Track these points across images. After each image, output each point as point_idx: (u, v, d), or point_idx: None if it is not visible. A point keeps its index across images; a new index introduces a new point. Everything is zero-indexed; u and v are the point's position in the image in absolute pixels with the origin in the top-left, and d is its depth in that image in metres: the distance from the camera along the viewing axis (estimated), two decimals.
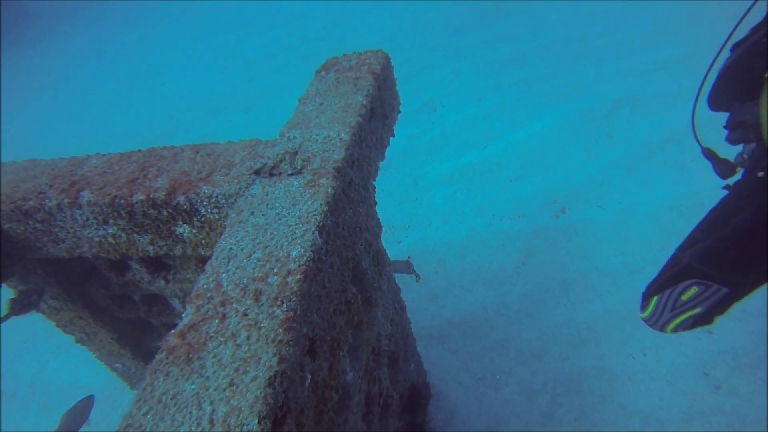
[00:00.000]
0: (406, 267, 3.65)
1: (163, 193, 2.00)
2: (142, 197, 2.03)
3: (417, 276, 3.83)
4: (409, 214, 4.98)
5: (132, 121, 8.65)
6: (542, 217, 4.45)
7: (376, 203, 2.30)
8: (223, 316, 1.39)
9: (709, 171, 2.34)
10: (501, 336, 3.72)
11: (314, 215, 1.64)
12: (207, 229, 2.09)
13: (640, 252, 3.94)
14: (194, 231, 2.11)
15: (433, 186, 5.17)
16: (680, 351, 3.32)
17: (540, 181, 4.82)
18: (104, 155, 2.44)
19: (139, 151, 2.40)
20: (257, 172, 1.97)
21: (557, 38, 7.13)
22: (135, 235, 2.23)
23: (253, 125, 7.36)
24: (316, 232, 1.59)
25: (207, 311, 1.42)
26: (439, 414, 3.37)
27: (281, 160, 1.99)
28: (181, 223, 2.10)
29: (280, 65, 9.24)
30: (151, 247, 2.28)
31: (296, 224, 1.63)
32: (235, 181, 1.95)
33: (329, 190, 1.74)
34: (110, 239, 2.28)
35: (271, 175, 1.96)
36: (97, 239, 2.30)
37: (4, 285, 2.68)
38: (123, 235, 2.24)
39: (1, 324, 2.67)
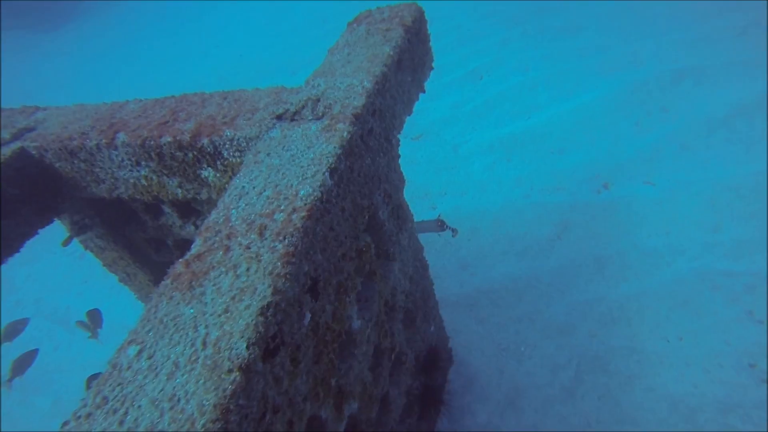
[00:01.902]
0: (436, 226, 3.57)
1: (189, 136, 2.05)
2: (169, 139, 2.09)
3: (453, 231, 3.72)
4: (447, 182, 4.90)
5: (185, 83, 8.93)
6: (582, 191, 4.26)
7: (398, 156, 2.26)
8: (227, 248, 1.42)
9: None
10: (529, 308, 3.63)
11: (327, 157, 1.63)
12: (230, 173, 2.13)
13: (687, 233, 3.70)
14: (218, 174, 2.16)
15: (472, 155, 5.05)
16: (722, 339, 3.13)
17: (583, 154, 4.60)
18: (142, 100, 2.53)
19: (173, 96, 2.46)
20: (279, 117, 1.98)
21: (617, 6, 6.66)
22: (164, 177, 2.30)
23: None
24: (327, 174, 1.58)
25: (213, 243, 1.45)
26: (459, 380, 3.36)
27: (303, 106, 1.98)
28: (205, 166, 2.15)
29: (329, 30, 9.19)
30: (179, 190, 2.36)
31: (308, 165, 1.63)
32: (257, 124, 1.97)
33: (345, 134, 1.72)
34: (143, 181, 2.37)
35: (293, 120, 1.96)
36: (131, 180, 2.40)
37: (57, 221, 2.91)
38: (154, 177, 2.32)
39: (66, 245, 2.92)
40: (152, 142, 2.13)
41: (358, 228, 1.81)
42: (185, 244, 3.06)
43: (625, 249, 3.75)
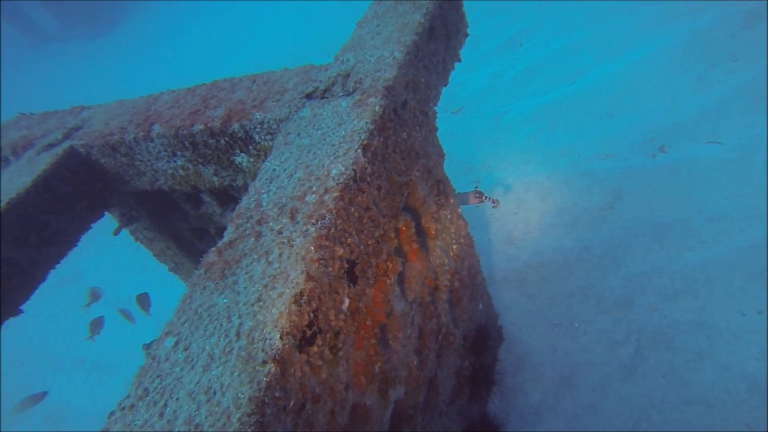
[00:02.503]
0: (474, 197, 3.42)
1: (219, 122, 2.01)
2: (201, 126, 2.06)
3: (494, 201, 3.56)
4: (490, 155, 4.71)
5: (223, 72, 9.05)
6: (635, 156, 3.97)
7: (436, 129, 2.14)
8: (259, 234, 1.37)
9: None
10: (581, 282, 3.45)
11: (359, 134, 1.54)
12: (263, 157, 2.09)
13: (763, 195, 3.37)
14: (251, 159, 2.13)
15: (515, 125, 4.82)
16: None
17: (635, 117, 4.27)
18: (174, 91, 2.52)
19: (204, 84, 2.44)
20: (309, 96, 1.90)
21: None
22: (200, 165, 2.30)
23: None
24: (359, 150, 1.50)
25: (245, 230, 1.41)
26: (510, 358, 3.25)
27: (333, 83, 1.89)
28: (238, 151, 2.12)
29: (363, 9, 9.00)
30: (216, 178, 2.35)
31: (340, 143, 1.55)
32: (286, 105, 1.90)
33: (377, 108, 1.62)
34: (180, 171, 2.38)
35: (323, 97, 1.88)
36: (170, 171, 2.41)
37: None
38: (190, 166, 2.32)
39: (118, 234, 3.02)
40: (185, 131, 2.11)
41: (396, 206, 1.72)
42: None
43: (687, 215, 3.47)
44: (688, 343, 2.91)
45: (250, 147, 2.07)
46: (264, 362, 1.08)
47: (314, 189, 1.43)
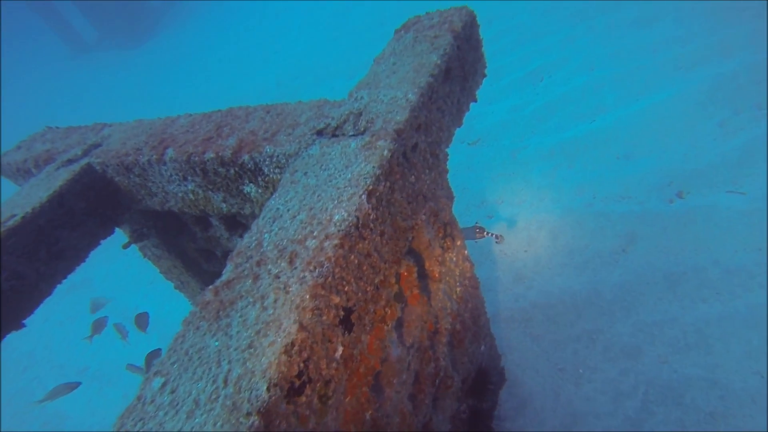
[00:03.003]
0: (474, 233, 3.40)
1: (230, 152, 2.03)
2: (212, 155, 2.09)
3: (497, 237, 3.55)
4: (504, 189, 4.68)
5: (246, 89, 9.24)
6: (652, 200, 3.90)
7: (446, 171, 2.13)
8: (257, 276, 1.36)
9: None
10: (589, 327, 3.37)
11: (365, 178, 1.54)
12: (271, 189, 2.10)
13: None
14: (260, 191, 2.14)
15: (531, 161, 4.79)
16: None
17: (654, 160, 4.21)
18: (191, 115, 2.57)
19: (220, 111, 2.48)
20: (319, 133, 1.92)
21: None
22: (210, 192, 2.32)
23: None
24: (364, 196, 1.49)
25: (243, 270, 1.41)
26: (511, 401, 3.17)
27: (345, 121, 1.90)
28: (247, 182, 2.14)
29: (386, 32, 9.15)
30: (224, 205, 2.36)
31: (345, 187, 1.55)
32: (296, 141, 1.92)
33: (385, 152, 1.62)
34: (191, 195, 2.40)
35: (334, 135, 1.89)
36: (180, 194, 2.44)
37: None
38: (200, 191, 2.35)
39: (127, 248, 3.05)
40: (197, 158, 2.14)
41: (399, 252, 1.70)
42: None
43: (703, 265, 3.38)
44: (700, 401, 2.80)
45: (259, 179, 2.08)
46: (248, 414, 1.06)
47: (315, 234, 1.42)
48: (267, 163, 1.98)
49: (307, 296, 1.26)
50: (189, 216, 2.79)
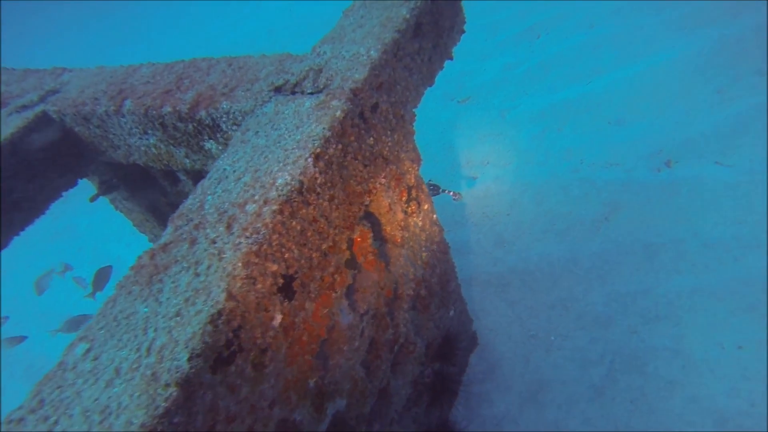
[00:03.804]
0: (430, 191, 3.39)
1: (187, 107, 1.94)
2: (169, 109, 1.99)
3: (454, 194, 3.53)
4: (490, 150, 4.58)
5: (237, 36, 8.89)
6: (639, 168, 3.81)
7: (413, 132, 2.04)
8: (194, 241, 1.31)
9: None
10: (564, 295, 3.37)
11: (313, 140, 1.46)
12: None
13: (765, 224, 3.22)
14: (220, 147, 2.05)
15: (520, 122, 4.65)
16: None
17: (645, 126, 4.09)
18: (154, 65, 2.44)
19: (183, 61, 2.34)
20: (278, 89, 1.81)
21: None
22: (172, 147, 2.23)
23: None
24: (310, 159, 1.42)
25: (182, 233, 1.35)
26: (481, 365, 3.21)
27: (305, 77, 1.80)
28: (207, 138, 2.05)
29: None
30: (187, 161, 2.28)
31: (293, 149, 1.47)
32: (253, 97, 1.82)
33: (338, 113, 1.53)
34: (153, 150, 2.31)
35: (293, 92, 1.79)
36: (143, 148, 2.35)
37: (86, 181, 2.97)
38: (162, 146, 2.26)
39: (94, 201, 2.98)
40: (154, 112, 2.04)
41: (352, 217, 1.64)
42: None
43: (682, 237, 3.35)
44: (662, 370, 2.83)
45: (218, 135, 1.99)
46: (167, 385, 1.03)
47: (256, 198, 1.36)
48: (224, 119, 1.89)
49: (240, 264, 1.21)
50: (157, 170, 2.71)
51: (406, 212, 2.03)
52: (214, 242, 1.28)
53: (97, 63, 2.84)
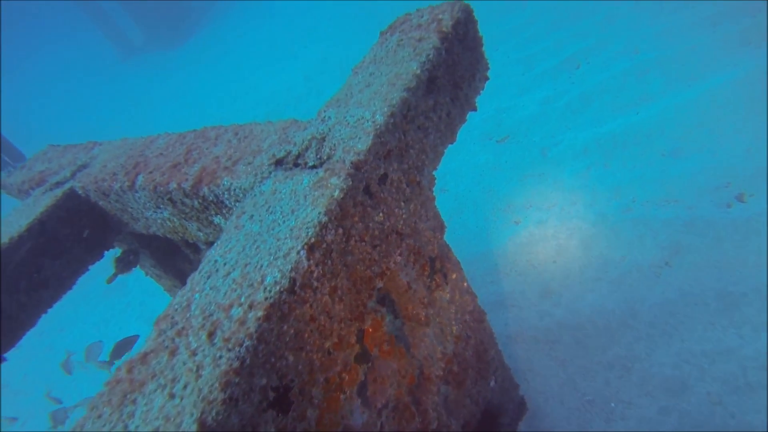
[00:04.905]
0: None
1: (190, 184, 1.85)
2: (174, 185, 1.91)
3: None
4: (532, 192, 4.29)
5: (276, 84, 9.16)
6: (703, 204, 3.40)
7: (433, 199, 1.84)
8: (174, 351, 1.16)
9: None
10: (623, 353, 2.98)
11: (307, 228, 1.30)
12: None
13: None
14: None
15: (563, 159, 4.35)
16: None
17: (708, 155, 3.68)
18: (169, 135, 2.41)
19: (194, 131, 2.30)
20: (279, 162, 1.68)
21: None
22: (184, 221, 2.15)
23: None
24: (303, 253, 1.25)
25: (164, 341, 1.21)
26: None
27: (307, 147, 1.66)
28: (214, 213, 1.95)
29: None
30: (201, 234, 2.20)
31: (285, 238, 1.31)
32: (253, 172, 1.70)
33: (336, 193, 1.36)
34: (168, 223, 2.25)
35: (295, 165, 1.65)
36: (159, 221, 2.29)
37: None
38: (176, 219, 2.19)
39: (111, 282, 2.96)
40: (162, 188, 1.97)
41: (360, 306, 1.45)
42: None
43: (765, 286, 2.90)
44: None
45: (224, 210, 1.88)
46: None
47: (242, 300, 1.20)
48: (226, 196, 1.78)
49: (217, 385, 1.04)
50: (178, 239, 2.66)
51: (429, 287, 1.82)
52: (195, 354, 1.13)
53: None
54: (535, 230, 3.93)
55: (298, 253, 1.24)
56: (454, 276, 2.00)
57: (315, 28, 11.29)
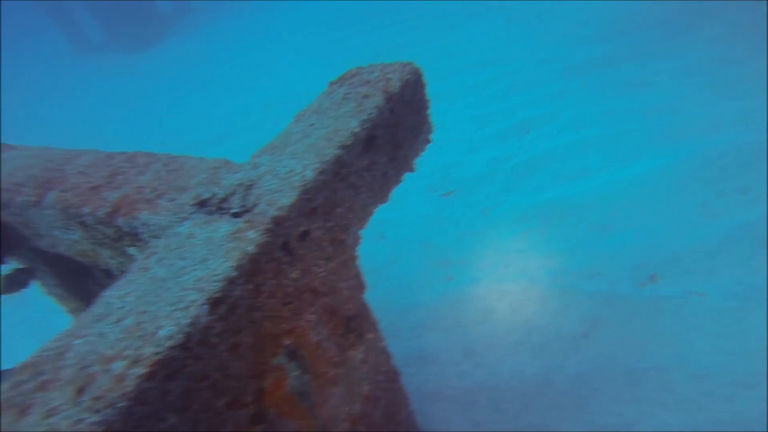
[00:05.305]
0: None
1: (105, 212, 1.75)
2: (88, 210, 1.80)
3: None
4: (469, 250, 4.38)
5: (232, 108, 9.06)
6: (623, 281, 3.60)
7: (355, 258, 1.83)
8: (25, 410, 1.05)
9: None
10: (535, 421, 3.03)
11: (214, 282, 1.24)
12: None
13: (762, 360, 2.95)
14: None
15: (502, 221, 4.50)
16: None
17: (631, 235, 3.93)
18: (97, 152, 2.29)
19: (125, 153, 2.19)
20: (202, 204, 1.63)
21: (707, 58, 5.87)
22: (96, 246, 2.02)
23: None
24: (205, 307, 1.19)
25: (17, 395, 1.09)
26: None
27: (233, 193, 1.62)
28: (129, 244, 1.84)
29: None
30: (113, 261, 2.06)
31: (190, 288, 1.25)
32: (173, 211, 1.63)
33: (249, 248, 1.32)
34: (77, 245, 2.10)
35: (219, 209, 1.60)
36: (68, 242, 2.14)
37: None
38: (86, 243, 2.05)
39: None
40: (74, 211, 1.85)
41: (262, 364, 1.39)
42: None
43: (667, 366, 3.07)
44: None
45: (138, 243, 1.79)
46: None
47: (129, 352, 1.12)
48: (143, 230, 1.69)
49: None
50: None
51: (341, 347, 1.78)
52: (51, 415, 1.02)
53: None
54: (467, 289, 3.99)
55: (200, 306, 1.18)
56: (370, 336, 1.97)
57: (284, 55, 11.36)
